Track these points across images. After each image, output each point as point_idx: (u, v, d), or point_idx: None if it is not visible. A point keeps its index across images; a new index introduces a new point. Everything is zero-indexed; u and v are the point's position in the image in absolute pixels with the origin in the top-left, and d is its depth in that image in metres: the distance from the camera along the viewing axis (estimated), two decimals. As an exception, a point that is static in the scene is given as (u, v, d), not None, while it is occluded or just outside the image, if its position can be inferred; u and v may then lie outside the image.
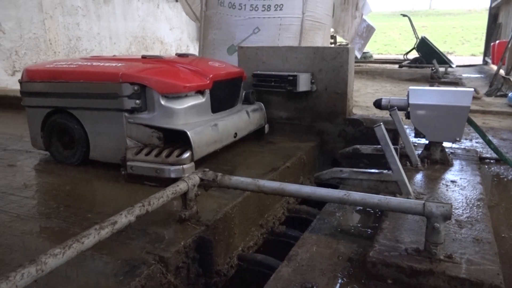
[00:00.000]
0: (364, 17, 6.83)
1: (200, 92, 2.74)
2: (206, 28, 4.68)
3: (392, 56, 18.65)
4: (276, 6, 4.23)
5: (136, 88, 2.51)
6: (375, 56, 16.51)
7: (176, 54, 3.30)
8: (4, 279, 1.09)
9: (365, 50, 12.82)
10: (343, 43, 13.66)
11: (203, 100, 2.75)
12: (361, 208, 2.19)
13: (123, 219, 1.50)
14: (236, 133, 2.97)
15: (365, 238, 1.90)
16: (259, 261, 2.02)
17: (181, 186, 1.83)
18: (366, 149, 2.91)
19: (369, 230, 1.99)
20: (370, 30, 7.00)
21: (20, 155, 3.10)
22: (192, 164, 2.44)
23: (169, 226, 1.90)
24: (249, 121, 3.19)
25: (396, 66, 12.38)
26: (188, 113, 2.65)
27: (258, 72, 3.51)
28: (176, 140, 2.50)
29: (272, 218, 2.49)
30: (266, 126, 3.48)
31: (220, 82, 2.89)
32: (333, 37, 13.19)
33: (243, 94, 3.37)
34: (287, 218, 2.62)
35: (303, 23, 4.31)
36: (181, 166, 2.38)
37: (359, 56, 7.21)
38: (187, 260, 1.76)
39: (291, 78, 3.27)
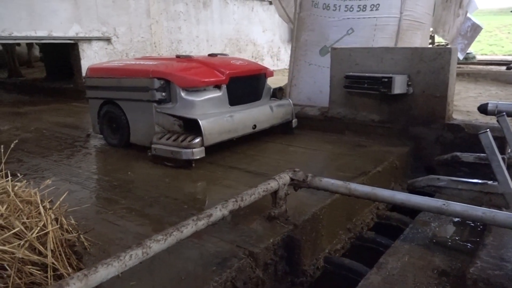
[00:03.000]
0: (468, 15, 6.30)
1: (218, 86, 3.06)
2: (299, 29, 4.70)
3: (498, 57, 16.96)
4: (372, 6, 4.10)
5: (162, 82, 2.95)
6: (478, 57, 15.15)
7: (208, 54, 3.64)
8: (116, 258, 1.22)
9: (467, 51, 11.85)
10: (441, 43, 12.77)
11: (220, 93, 3.07)
12: (459, 219, 2.04)
13: (218, 212, 1.58)
14: (255, 125, 3.20)
15: (464, 253, 1.77)
16: (346, 266, 1.99)
17: (272, 185, 1.87)
18: (467, 157, 2.71)
19: (468, 244, 1.85)
20: (476, 29, 6.41)
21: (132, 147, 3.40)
22: (202, 148, 2.75)
23: (258, 222, 1.95)
24: (271, 115, 3.38)
25: (503, 68, 11.26)
26: (205, 104, 2.98)
27: (351, 73, 3.44)
28: (195, 128, 2.80)
29: (361, 223, 2.44)
30: (294, 121, 3.63)
31: (237, 78, 3.17)
32: (431, 37, 12.40)
33: (271, 90, 3.58)
34: (376, 224, 2.54)
35: (401, 23, 4.11)
36: (191, 150, 2.71)
37: (461, 57, 6.66)
38: (275, 257, 1.80)
39: (385, 80, 3.16)
